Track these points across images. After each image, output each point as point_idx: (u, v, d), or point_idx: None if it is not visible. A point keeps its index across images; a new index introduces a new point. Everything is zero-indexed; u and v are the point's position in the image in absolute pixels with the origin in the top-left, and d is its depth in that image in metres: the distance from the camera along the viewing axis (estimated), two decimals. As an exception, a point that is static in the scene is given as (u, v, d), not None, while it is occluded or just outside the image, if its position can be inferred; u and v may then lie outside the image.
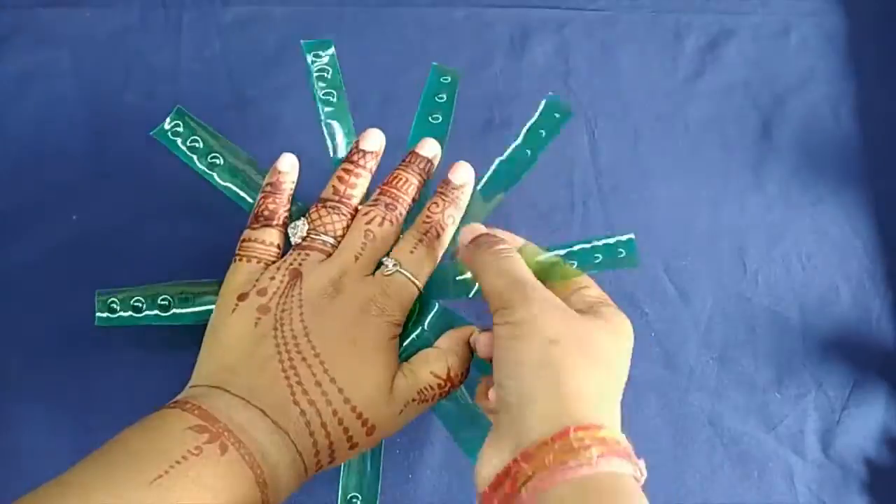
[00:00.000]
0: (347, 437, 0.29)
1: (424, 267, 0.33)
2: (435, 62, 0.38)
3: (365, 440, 0.30)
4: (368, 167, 0.34)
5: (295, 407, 0.28)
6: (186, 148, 0.35)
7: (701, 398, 0.41)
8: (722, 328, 0.42)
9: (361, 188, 0.34)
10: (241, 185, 0.35)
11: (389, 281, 0.32)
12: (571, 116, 0.37)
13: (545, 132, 0.37)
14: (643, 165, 0.44)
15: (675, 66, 0.46)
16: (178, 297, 0.34)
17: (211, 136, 0.36)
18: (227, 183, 0.35)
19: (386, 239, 0.33)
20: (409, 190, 0.34)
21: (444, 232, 0.33)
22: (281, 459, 0.27)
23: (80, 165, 0.42)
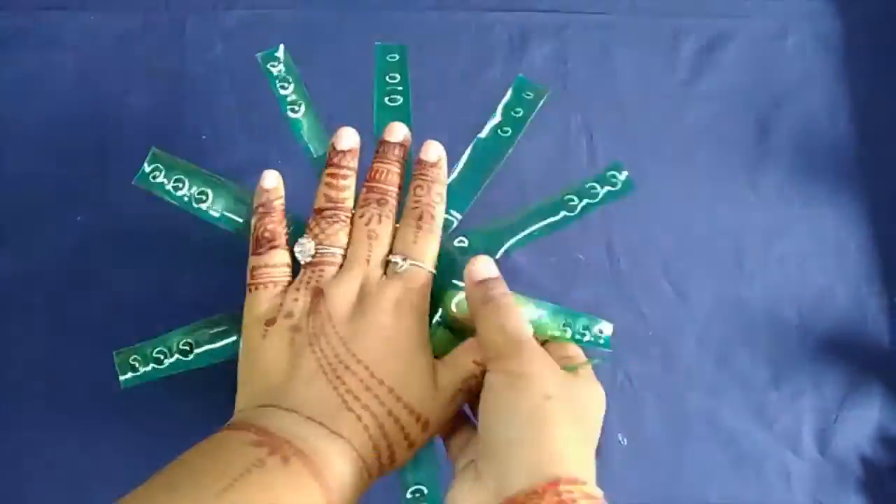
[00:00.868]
0: (405, 434, 0.30)
1: (430, 251, 0.33)
2: (378, 41, 0.37)
3: (420, 436, 0.30)
4: (352, 166, 0.34)
5: (350, 413, 0.29)
6: (172, 188, 0.34)
7: (698, 397, 0.41)
8: (719, 328, 0.42)
9: (351, 189, 0.34)
10: (233, 208, 0.35)
11: (406, 276, 0.32)
12: (547, 94, 0.37)
13: (522, 111, 0.36)
14: (641, 167, 0.44)
15: (672, 69, 0.47)
16: (196, 338, 0.34)
17: (190, 171, 0.35)
18: (220, 212, 0.35)
19: (387, 234, 0.33)
20: (392, 180, 0.34)
21: (435, 211, 0.34)
22: (343, 466, 0.28)
23: (83, 167, 0.42)
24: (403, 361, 0.30)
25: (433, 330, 0.34)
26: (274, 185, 0.34)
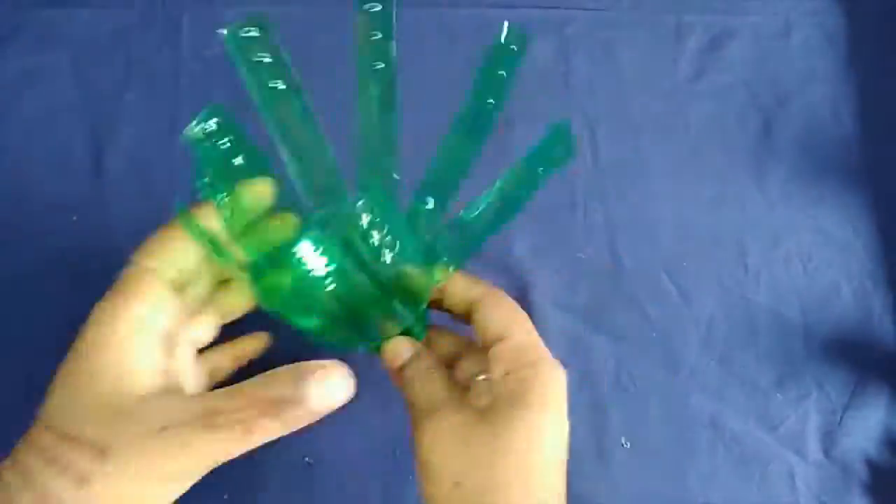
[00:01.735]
0: None
1: None
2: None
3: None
4: None
5: None
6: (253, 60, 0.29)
7: (702, 399, 0.40)
8: (723, 329, 0.42)
9: None
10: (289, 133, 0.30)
11: None
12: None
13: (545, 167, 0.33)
14: (644, 165, 0.44)
15: (675, 65, 0.46)
16: None
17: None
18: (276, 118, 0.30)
19: None
20: None
21: None
22: None
23: (80, 165, 0.42)
24: None
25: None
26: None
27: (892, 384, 0.41)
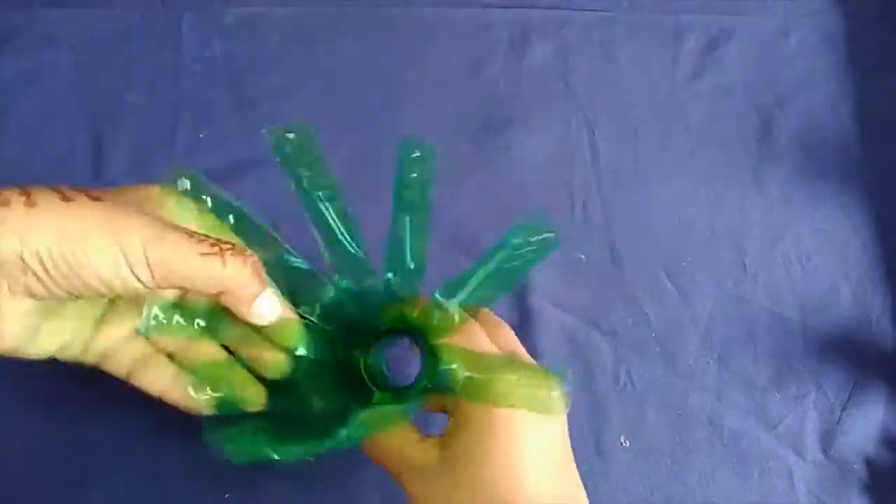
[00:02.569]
0: None
1: None
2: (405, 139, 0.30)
3: None
4: None
5: None
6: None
7: (701, 398, 0.41)
8: (722, 328, 0.42)
9: None
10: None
11: None
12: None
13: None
14: (643, 166, 0.44)
15: (674, 66, 0.46)
16: None
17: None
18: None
19: None
20: None
21: None
22: None
23: (80, 165, 0.42)
24: None
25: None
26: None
27: (890, 384, 0.41)
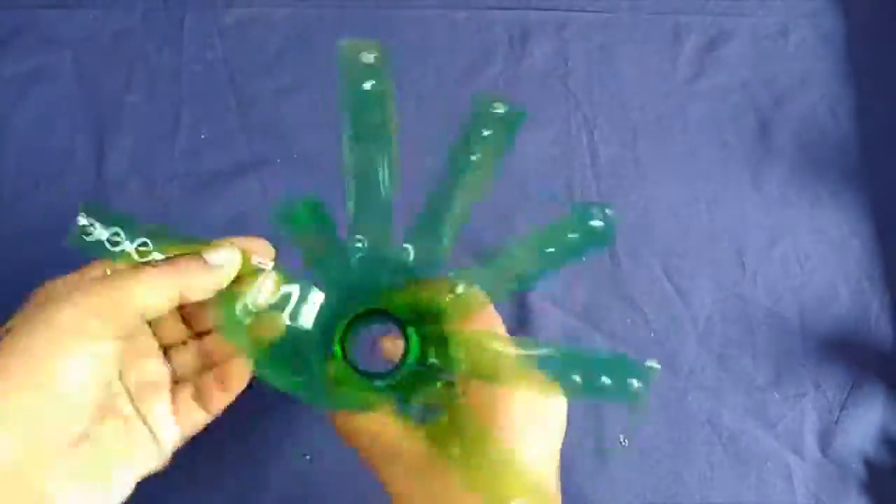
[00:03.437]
0: None
1: None
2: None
3: None
4: None
5: None
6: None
7: (700, 398, 0.41)
8: (721, 328, 0.42)
9: None
10: None
11: None
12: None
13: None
14: (642, 166, 0.44)
15: (674, 67, 0.46)
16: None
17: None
18: None
19: None
20: None
21: None
22: None
23: (81, 166, 0.42)
24: None
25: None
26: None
27: (888, 383, 0.41)
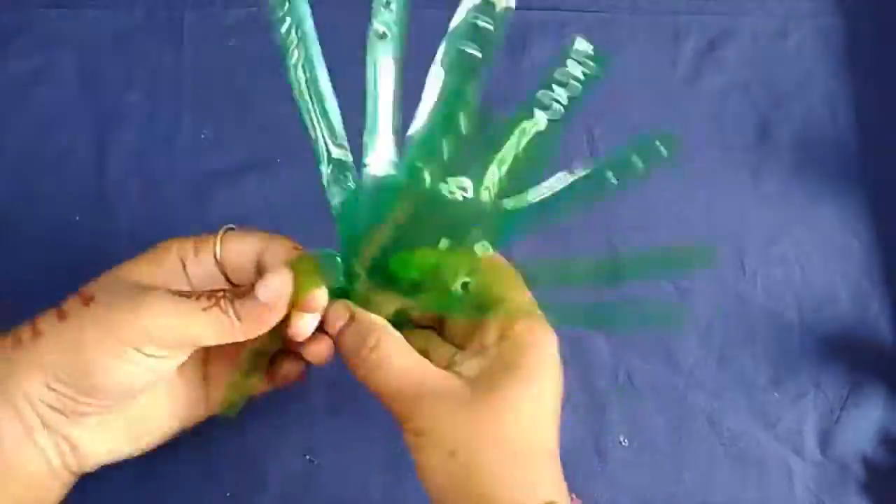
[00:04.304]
0: None
1: None
2: None
3: None
4: None
5: None
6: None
7: (700, 398, 0.41)
8: (721, 328, 0.42)
9: None
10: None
11: None
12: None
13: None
14: (642, 166, 0.44)
15: (673, 67, 0.47)
16: None
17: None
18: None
19: None
20: None
21: None
22: None
23: (82, 165, 0.42)
24: None
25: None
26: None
27: (888, 383, 0.41)
